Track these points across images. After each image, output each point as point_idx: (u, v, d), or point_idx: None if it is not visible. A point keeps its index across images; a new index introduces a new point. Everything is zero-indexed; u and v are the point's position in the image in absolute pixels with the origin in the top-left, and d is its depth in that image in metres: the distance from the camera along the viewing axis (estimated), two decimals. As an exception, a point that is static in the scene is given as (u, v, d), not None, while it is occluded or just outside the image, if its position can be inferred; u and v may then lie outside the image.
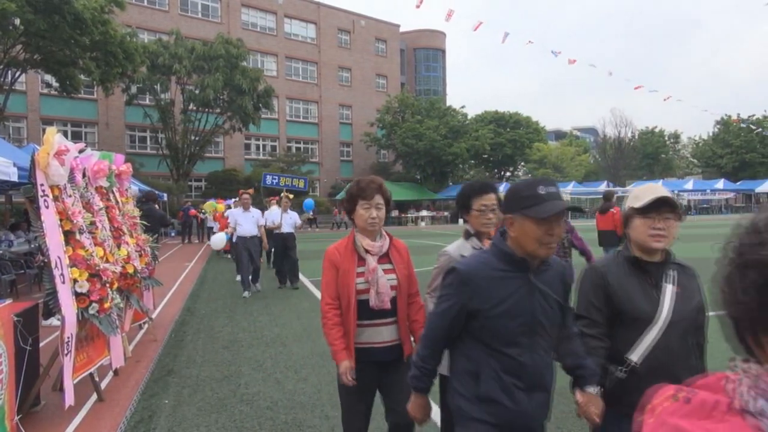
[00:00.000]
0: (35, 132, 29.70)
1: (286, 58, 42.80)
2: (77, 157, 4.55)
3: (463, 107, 44.29)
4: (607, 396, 1.93)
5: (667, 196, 1.91)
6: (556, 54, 37.85)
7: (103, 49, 18.69)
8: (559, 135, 75.03)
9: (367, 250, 2.54)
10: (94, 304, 4.01)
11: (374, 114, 44.07)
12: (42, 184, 3.81)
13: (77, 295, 3.91)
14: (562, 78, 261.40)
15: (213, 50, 28.94)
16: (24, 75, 22.76)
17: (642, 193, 1.98)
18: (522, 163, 51.32)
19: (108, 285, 4.24)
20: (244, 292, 9.26)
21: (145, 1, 35.89)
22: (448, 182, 44.71)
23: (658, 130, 61.23)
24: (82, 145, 4.75)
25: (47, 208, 3.81)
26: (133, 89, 29.20)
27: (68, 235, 4.00)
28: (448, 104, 46.44)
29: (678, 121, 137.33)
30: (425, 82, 56.37)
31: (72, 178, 4.38)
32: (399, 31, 51.42)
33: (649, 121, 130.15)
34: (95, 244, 4.36)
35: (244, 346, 6.01)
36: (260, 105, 31.65)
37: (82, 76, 20.66)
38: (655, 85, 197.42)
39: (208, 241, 20.88)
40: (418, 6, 21.67)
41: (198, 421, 3.90)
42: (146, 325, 6.44)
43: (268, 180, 11.56)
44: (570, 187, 41.08)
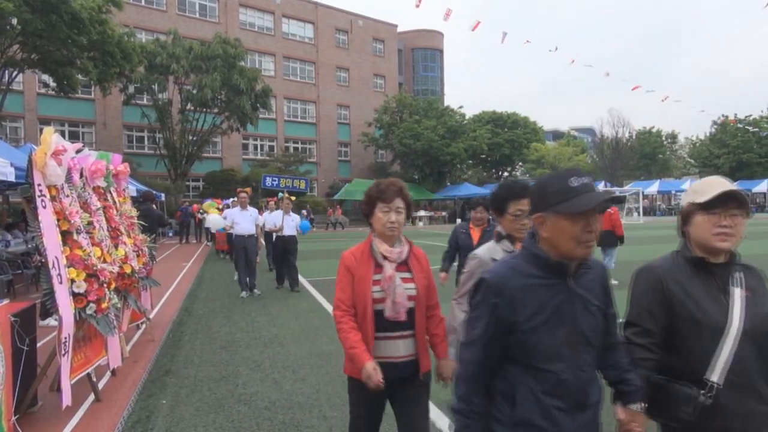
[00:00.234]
0: (32, 132, 29.59)
1: (283, 58, 42.81)
2: (74, 157, 4.54)
3: (461, 107, 44.45)
4: (683, 424, 1.70)
5: (734, 189, 1.68)
6: (554, 51, 38.34)
7: (101, 49, 18.63)
8: (557, 135, 75.18)
9: (385, 257, 2.36)
10: (91, 305, 4.00)
11: (372, 114, 44.15)
12: (39, 184, 3.81)
13: (74, 296, 3.91)
14: (560, 78, 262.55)
15: (211, 50, 28.90)
16: (21, 75, 22.69)
17: (704, 186, 1.74)
18: (520, 163, 51.48)
19: (105, 285, 4.24)
20: (242, 293, 9.26)
21: (143, 1, 35.85)
22: (445, 182, 44.80)
23: (655, 131, 61.54)
24: (80, 145, 4.74)
25: (44, 208, 3.80)
26: (131, 89, 29.11)
27: (65, 235, 4.00)
28: (446, 104, 46.45)
29: (675, 122, 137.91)
30: (423, 82, 56.38)
31: (69, 178, 4.38)
32: (397, 31, 51.45)
33: (647, 122, 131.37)
34: (93, 244, 4.36)
35: (241, 346, 6.01)
36: (258, 105, 31.60)
37: (80, 76, 20.58)
38: (652, 85, 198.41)
39: (207, 242, 21.00)
40: (418, 5, 21.61)
41: (196, 421, 3.90)
42: (144, 326, 6.43)
43: (268, 182, 11.17)
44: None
